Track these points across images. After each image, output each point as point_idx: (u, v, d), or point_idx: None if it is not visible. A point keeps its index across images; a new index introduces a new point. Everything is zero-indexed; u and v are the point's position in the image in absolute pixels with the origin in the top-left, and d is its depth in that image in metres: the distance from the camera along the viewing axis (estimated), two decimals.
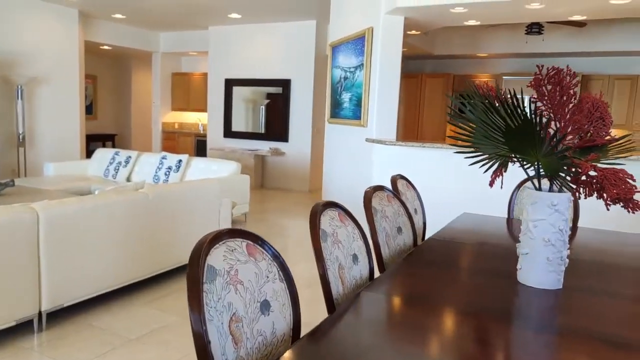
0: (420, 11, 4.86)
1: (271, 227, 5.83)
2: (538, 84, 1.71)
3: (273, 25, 8.66)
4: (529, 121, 1.58)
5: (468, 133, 2.09)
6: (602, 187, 1.39)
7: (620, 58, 7.28)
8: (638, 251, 2.51)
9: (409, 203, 2.98)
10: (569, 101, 1.64)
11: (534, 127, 1.58)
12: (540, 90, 1.66)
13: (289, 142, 8.78)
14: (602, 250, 2.51)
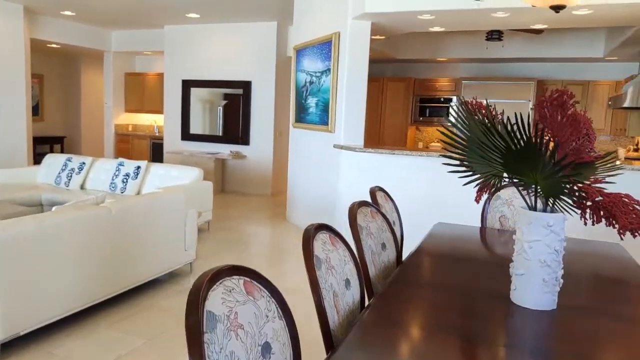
0: (388, 17, 4.83)
1: (237, 236, 5.66)
2: (541, 106, 1.68)
3: (233, 26, 8.45)
4: (532, 144, 1.54)
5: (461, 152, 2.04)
6: (613, 214, 1.37)
7: (573, 64, 7.55)
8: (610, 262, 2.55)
9: (388, 216, 2.92)
10: (568, 122, 1.61)
11: (537, 149, 1.54)
12: (543, 113, 1.63)
13: (250, 145, 8.60)
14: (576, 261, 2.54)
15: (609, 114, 7.17)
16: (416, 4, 4.50)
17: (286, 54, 8.46)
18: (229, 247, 5.17)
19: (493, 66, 8.04)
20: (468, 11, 4.45)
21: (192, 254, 4.27)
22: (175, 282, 4.06)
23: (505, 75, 7.91)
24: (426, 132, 8.56)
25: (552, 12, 4.30)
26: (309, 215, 5.86)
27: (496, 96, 7.41)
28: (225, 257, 4.83)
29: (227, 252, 5.01)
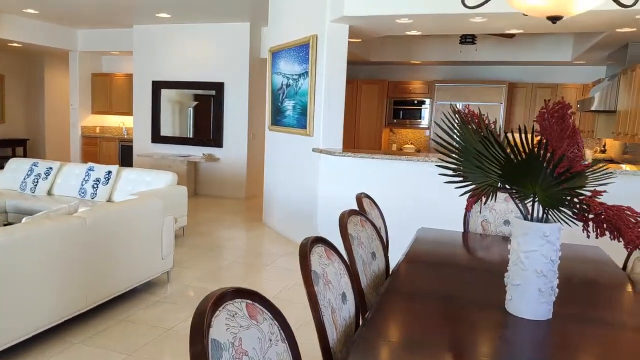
0: (366, 20, 4.81)
1: (213, 241, 5.54)
2: (543, 118, 1.67)
3: (205, 26, 8.29)
4: (535, 157, 1.53)
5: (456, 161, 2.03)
6: (617, 228, 1.37)
7: (542, 67, 7.73)
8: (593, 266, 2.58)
9: (374, 222, 2.89)
10: (567, 134, 1.61)
11: (541, 162, 1.53)
12: (544, 125, 1.62)
13: (223, 147, 8.46)
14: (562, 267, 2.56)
15: (576, 117, 7.37)
16: (395, 8, 4.50)
17: (259, 56, 8.37)
18: (206, 254, 5.05)
19: (466, 69, 8.15)
20: (446, 16, 4.47)
21: (170, 262, 4.14)
22: (153, 292, 3.93)
23: (478, 78, 8.03)
24: (400, 134, 8.60)
25: (527, 18, 4.36)
26: (287, 219, 5.80)
27: (469, 98, 7.50)
28: (203, 264, 4.72)
29: (204, 258, 4.89)
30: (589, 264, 2.69)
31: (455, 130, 2.02)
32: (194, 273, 4.45)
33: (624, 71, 5.38)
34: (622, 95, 5.33)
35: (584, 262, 2.72)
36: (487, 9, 4.27)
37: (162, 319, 3.44)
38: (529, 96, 7.57)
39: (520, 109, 7.62)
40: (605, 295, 2.21)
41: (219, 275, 4.42)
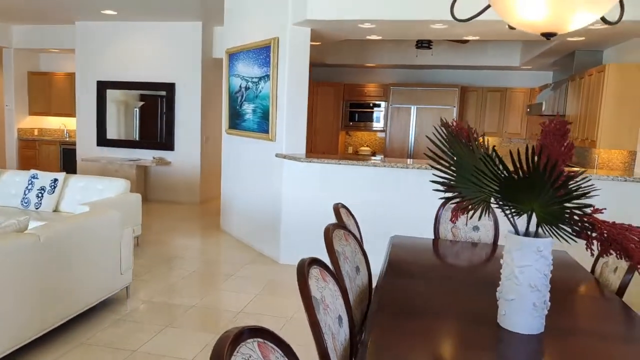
0: (329, 24, 4.76)
1: (171, 250, 5.31)
2: (545, 136, 1.67)
3: (154, 25, 7.95)
4: (539, 174, 1.52)
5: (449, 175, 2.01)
6: (624, 248, 1.38)
7: (493, 72, 7.98)
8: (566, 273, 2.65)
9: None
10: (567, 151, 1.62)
11: (544, 180, 1.52)
12: (545, 142, 1.62)
13: (175, 150, 8.16)
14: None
15: (524, 119, 7.67)
16: (358, 13, 4.47)
17: (212, 56, 8.13)
18: (165, 264, 4.82)
19: (420, 72, 8.29)
20: (408, 22, 4.50)
21: (129, 277, 3.91)
22: (112, 310, 3.69)
23: (432, 81, 8.19)
24: (356, 137, 8.63)
25: (485, 26, 4.46)
26: (248, 225, 5.65)
27: (423, 102, 7.63)
28: (163, 276, 4.50)
29: (164, 270, 4.67)
30: (562, 270, 2.76)
31: (446, 144, 2.00)
32: (154, 286, 4.23)
33: (571, 77, 5.63)
34: (570, 100, 5.58)
35: (557, 268, 2.79)
36: (451, 17, 4.33)
37: (124, 340, 3.24)
38: (480, 99, 7.80)
39: (472, 111, 7.84)
40: (588, 304, 2.26)
41: (181, 288, 4.23)
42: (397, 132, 7.78)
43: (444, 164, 2.03)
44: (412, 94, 7.67)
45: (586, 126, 4.92)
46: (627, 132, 4.52)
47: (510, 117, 7.73)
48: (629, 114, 4.51)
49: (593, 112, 4.73)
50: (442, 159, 1.99)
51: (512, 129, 7.77)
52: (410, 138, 7.74)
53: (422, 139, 7.70)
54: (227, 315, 3.73)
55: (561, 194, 1.53)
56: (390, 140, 7.81)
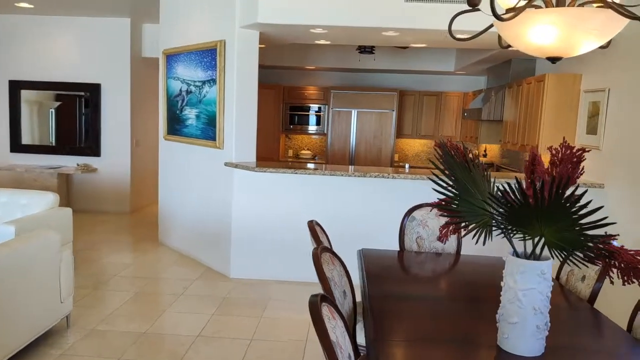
0: (280, 28, 4.59)
1: (108, 269, 4.87)
2: (554, 163, 1.65)
3: (76, 20, 7.31)
4: (561, 204, 1.49)
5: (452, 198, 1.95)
6: None
7: (429, 76, 8.20)
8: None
9: None
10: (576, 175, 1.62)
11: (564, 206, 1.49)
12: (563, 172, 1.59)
13: (101, 156, 7.57)
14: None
15: (458, 122, 7.95)
16: (311, 19, 4.35)
17: (142, 55, 7.64)
18: (104, 286, 4.42)
19: (359, 76, 8.32)
20: (361, 28, 4.45)
21: (69, 305, 3.52)
22: (52, 344, 3.30)
23: (371, 85, 8.25)
24: (296, 140, 8.51)
25: (433, 35, 4.52)
26: (193, 238, 5.34)
27: (363, 105, 7.67)
28: (104, 299, 4.11)
29: (104, 292, 4.27)
30: None
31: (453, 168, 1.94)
32: (96, 313, 3.84)
33: (509, 85, 5.89)
34: (508, 107, 5.83)
35: None
36: (403, 25, 4.33)
37: None
38: (417, 103, 7.98)
39: (409, 115, 8.00)
40: (574, 318, 2.30)
41: (126, 313, 3.88)
42: (339, 136, 7.76)
43: (444, 185, 1.97)
44: (353, 98, 7.68)
45: (526, 133, 5.16)
46: (564, 138, 4.78)
47: (446, 120, 7.98)
48: (565, 121, 4.77)
49: (533, 119, 4.96)
50: (442, 180, 1.93)
51: (447, 132, 8.02)
52: (351, 141, 7.75)
53: (363, 142, 7.74)
54: (184, 341, 3.46)
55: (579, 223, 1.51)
56: (332, 143, 7.77)
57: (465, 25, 2.96)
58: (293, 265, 4.72)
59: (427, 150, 8.38)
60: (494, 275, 2.89)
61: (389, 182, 4.55)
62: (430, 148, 8.37)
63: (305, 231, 4.65)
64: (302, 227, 4.67)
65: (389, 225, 4.53)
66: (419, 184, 4.53)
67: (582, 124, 4.63)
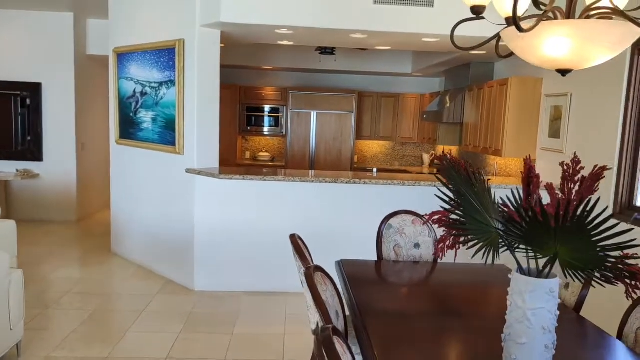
0: (243, 28, 4.39)
1: (59, 286, 4.49)
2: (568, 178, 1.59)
3: (10, 14, 6.74)
4: (584, 225, 1.43)
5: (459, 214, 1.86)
6: None
7: (386, 78, 8.20)
8: None
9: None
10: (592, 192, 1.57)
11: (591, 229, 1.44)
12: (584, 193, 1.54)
13: (44, 161, 7.04)
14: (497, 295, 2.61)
15: (416, 124, 8.01)
16: (277, 19, 4.18)
17: (86, 52, 7.17)
18: (55, 305, 4.06)
19: (318, 77, 8.20)
20: (328, 30, 4.33)
21: (20, 331, 3.18)
22: None
23: (330, 86, 8.16)
24: (253, 142, 8.28)
25: (400, 37, 4.47)
26: (150, 248, 5.04)
27: (323, 107, 7.57)
28: (58, 321, 3.77)
29: (57, 313, 3.92)
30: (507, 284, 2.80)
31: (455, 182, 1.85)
32: (51, 336, 3.51)
33: (469, 88, 5.96)
34: (468, 109, 5.90)
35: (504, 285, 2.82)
36: (371, 27, 4.25)
37: None
38: (375, 105, 7.96)
39: (368, 116, 7.97)
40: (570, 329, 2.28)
41: (84, 335, 3.57)
42: (298, 138, 7.61)
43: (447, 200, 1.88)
44: (312, 99, 7.55)
45: (489, 136, 5.22)
46: (527, 141, 4.88)
47: (403, 122, 8.02)
48: (528, 125, 4.87)
49: (497, 123, 5.03)
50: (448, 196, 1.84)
51: (405, 134, 8.06)
52: (311, 143, 7.63)
53: (323, 144, 7.63)
54: None
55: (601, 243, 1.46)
56: (291, 145, 7.61)
57: (459, 30, 2.91)
58: (261, 276, 4.54)
59: (386, 152, 8.40)
60: (484, 285, 2.86)
61: (360, 187, 4.46)
62: (388, 149, 8.39)
63: (276, 240, 4.49)
64: (271, 236, 4.50)
65: (361, 233, 4.45)
66: (391, 190, 4.47)
67: (544, 128, 4.74)
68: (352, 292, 2.59)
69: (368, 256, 4.46)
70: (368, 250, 4.47)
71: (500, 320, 2.08)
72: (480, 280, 2.95)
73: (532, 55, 1.64)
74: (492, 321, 2.27)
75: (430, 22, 4.24)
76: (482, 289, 2.83)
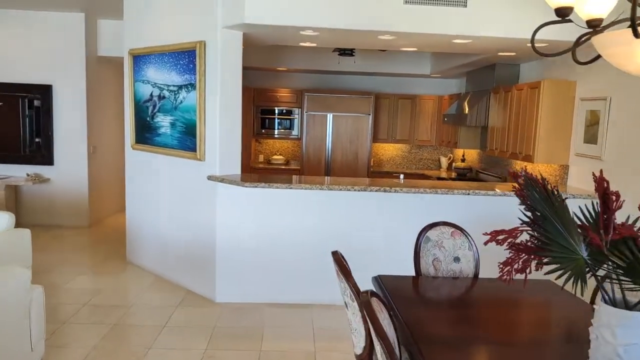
0: (267, 29, 4.21)
1: (76, 297, 4.33)
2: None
3: (20, 14, 6.58)
4: None
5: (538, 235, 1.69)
6: None
7: (403, 79, 8.02)
8: (573, 309, 2.47)
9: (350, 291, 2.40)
10: None
11: None
12: None
13: (55, 165, 6.89)
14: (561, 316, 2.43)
15: (434, 127, 7.83)
16: (304, 20, 4.00)
17: (97, 54, 7.00)
18: (74, 319, 3.90)
19: (332, 78, 8.02)
20: (355, 32, 4.15)
21: (41, 349, 3.02)
22: None
23: (346, 88, 7.99)
24: (267, 145, 8.11)
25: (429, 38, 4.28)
26: (168, 256, 4.87)
27: (339, 109, 7.39)
28: (79, 336, 3.60)
29: (78, 327, 3.76)
30: (565, 305, 2.62)
31: (535, 203, 1.68)
32: (72, 354, 3.34)
33: (494, 90, 5.77)
34: (494, 112, 5.72)
35: (561, 307, 2.65)
36: (401, 28, 4.07)
37: None
38: (392, 106, 7.78)
39: (384, 119, 7.79)
40: None
41: (107, 353, 3.40)
42: (314, 140, 7.44)
43: (527, 220, 1.71)
44: (328, 101, 7.38)
45: (518, 140, 5.04)
46: (560, 146, 4.69)
47: (421, 124, 7.84)
48: (561, 130, 4.69)
49: (527, 127, 4.85)
50: (532, 219, 1.67)
51: (422, 137, 7.88)
52: (327, 146, 7.46)
53: (339, 147, 7.46)
54: None
55: None
56: (307, 148, 7.44)
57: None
58: (286, 287, 4.37)
59: (402, 155, 8.22)
60: (537, 304, 2.68)
61: (391, 196, 4.28)
62: (404, 152, 8.21)
63: (300, 250, 4.32)
64: (296, 246, 4.33)
65: (392, 244, 4.29)
66: (422, 198, 4.29)
67: (579, 133, 4.55)
68: (400, 314, 2.42)
69: (399, 269, 4.29)
70: (399, 262, 4.31)
71: (569, 346, 1.91)
72: (532, 298, 2.77)
73: (633, 63, 1.46)
74: (557, 346, 2.09)
75: (463, 23, 4.06)
76: (537, 309, 2.65)
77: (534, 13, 3.99)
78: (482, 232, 4.37)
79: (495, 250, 4.35)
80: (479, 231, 4.17)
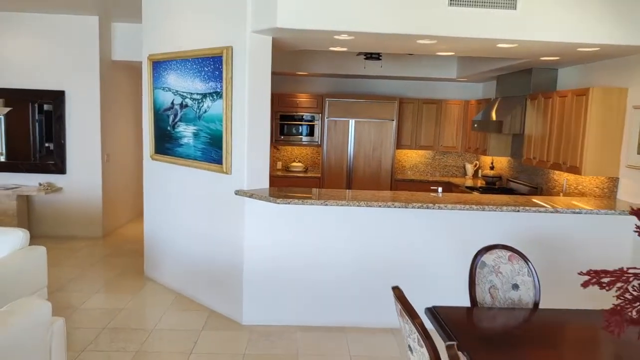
0: (299, 33, 3.93)
1: (93, 319, 4.06)
2: None
3: (32, 17, 6.35)
4: None
5: None
6: None
7: (427, 83, 7.72)
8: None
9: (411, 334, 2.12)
10: None
11: None
12: None
13: (67, 173, 6.64)
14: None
15: (459, 132, 7.52)
16: (338, 23, 3.71)
17: (111, 58, 6.76)
18: (94, 346, 3.63)
19: (352, 82, 7.74)
20: (393, 35, 3.86)
21: None
22: None
23: (368, 92, 7.71)
24: (285, 151, 7.84)
25: (472, 43, 3.99)
26: (191, 273, 4.60)
27: (361, 115, 7.11)
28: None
29: (97, 356, 3.49)
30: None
31: None
32: None
33: (531, 96, 5.46)
34: (532, 120, 5.41)
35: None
36: (443, 32, 3.78)
37: None
38: (416, 111, 7.48)
39: (408, 124, 7.50)
40: None
41: None
42: (335, 147, 7.15)
43: None
44: (349, 106, 7.09)
45: (561, 150, 4.73)
46: (609, 157, 4.39)
47: (446, 130, 7.54)
48: (610, 139, 4.38)
49: (573, 137, 4.54)
50: None
51: (447, 143, 7.58)
52: (349, 153, 7.17)
53: (361, 154, 7.17)
54: None
55: None
56: (328, 156, 7.15)
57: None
58: (317, 309, 4.09)
59: (426, 162, 7.92)
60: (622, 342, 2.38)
61: (432, 213, 3.99)
62: (428, 159, 7.90)
63: (333, 271, 4.04)
64: (328, 266, 4.05)
65: (437, 266, 4.02)
66: (467, 215, 4.00)
67: (632, 143, 4.24)
68: (471, 357, 2.13)
69: (444, 294, 4.01)
70: (444, 287, 4.02)
71: None
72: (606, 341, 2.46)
73: None
74: None
75: (511, 27, 3.76)
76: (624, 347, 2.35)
77: (590, 17, 3.69)
78: (539, 254, 4.04)
79: (551, 278, 4.02)
80: (534, 253, 3.90)
